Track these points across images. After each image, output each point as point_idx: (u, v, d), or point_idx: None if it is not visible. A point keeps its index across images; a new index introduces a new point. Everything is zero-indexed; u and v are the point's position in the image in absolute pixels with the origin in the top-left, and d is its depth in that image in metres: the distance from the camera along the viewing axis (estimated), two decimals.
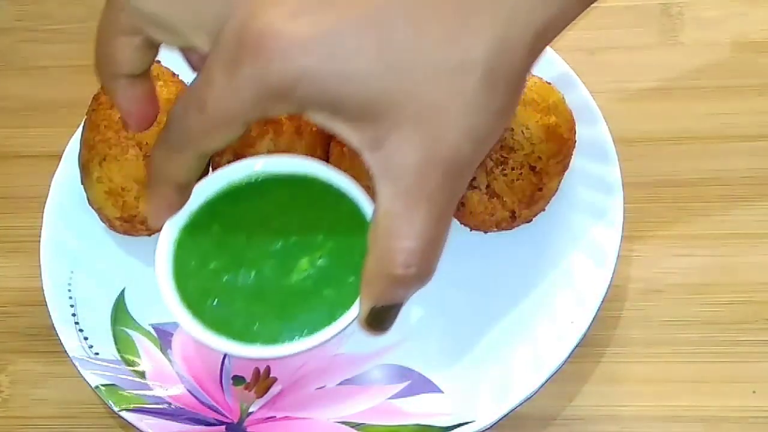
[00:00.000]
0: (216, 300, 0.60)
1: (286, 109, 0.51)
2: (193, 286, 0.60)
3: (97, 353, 0.66)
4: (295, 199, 0.63)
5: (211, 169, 0.71)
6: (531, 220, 0.68)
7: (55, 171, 0.73)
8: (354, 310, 0.58)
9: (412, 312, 0.66)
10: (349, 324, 0.58)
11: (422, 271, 0.52)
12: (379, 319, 0.55)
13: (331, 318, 0.59)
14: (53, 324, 0.66)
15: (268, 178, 0.63)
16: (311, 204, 0.63)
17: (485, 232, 0.68)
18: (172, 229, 0.61)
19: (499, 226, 0.67)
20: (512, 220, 0.67)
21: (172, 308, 0.59)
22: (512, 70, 0.50)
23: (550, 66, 0.73)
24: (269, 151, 0.67)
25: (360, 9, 0.49)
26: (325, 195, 0.63)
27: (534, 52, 0.51)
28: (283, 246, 0.61)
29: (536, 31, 0.50)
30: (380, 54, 0.49)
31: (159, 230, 0.61)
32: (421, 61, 0.49)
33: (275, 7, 0.49)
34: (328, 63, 0.49)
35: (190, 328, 0.58)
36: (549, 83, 0.68)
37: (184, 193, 0.57)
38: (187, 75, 0.74)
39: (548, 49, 0.73)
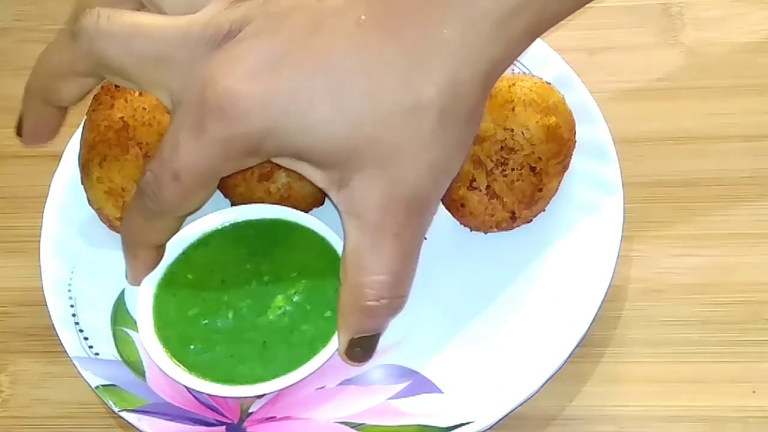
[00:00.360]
0: (197, 345, 0.63)
1: (255, 162, 0.54)
2: (175, 335, 0.64)
3: (97, 353, 0.66)
4: (266, 240, 0.66)
5: None
6: (531, 221, 0.68)
7: (55, 171, 0.73)
8: (334, 343, 0.61)
9: (413, 312, 0.66)
10: (331, 356, 0.60)
11: (393, 302, 0.55)
12: (359, 349, 0.57)
13: (312, 352, 0.62)
14: (53, 324, 0.66)
15: (239, 224, 0.66)
16: (282, 244, 0.65)
17: (485, 233, 0.68)
18: (149, 283, 0.64)
19: (499, 227, 0.67)
20: (512, 220, 0.67)
21: (156, 359, 0.62)
22: (466, 107, 0.52)
23: (550, 66, 0.73)
24: None
25: (312, 63, 0.51)
26: (296, 235, 0.66)
27: (486, 87, 0.53)
28: (258, 285, 0.64)
29: (485, 70, 0.52)
30: (336, 104, 0.51)
31: (138, 284, 0.63)
32: (376, 106, 0.51)
33: (232, 69, 0.52)
34: (287, 118, 0.51)
35: (176, 375, 0.61)
36: (549, 83, 0.68)
37: (161, 251, 0.61)
38: None
39: (548, 49, 0.74)
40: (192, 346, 0.63)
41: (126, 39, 0.55)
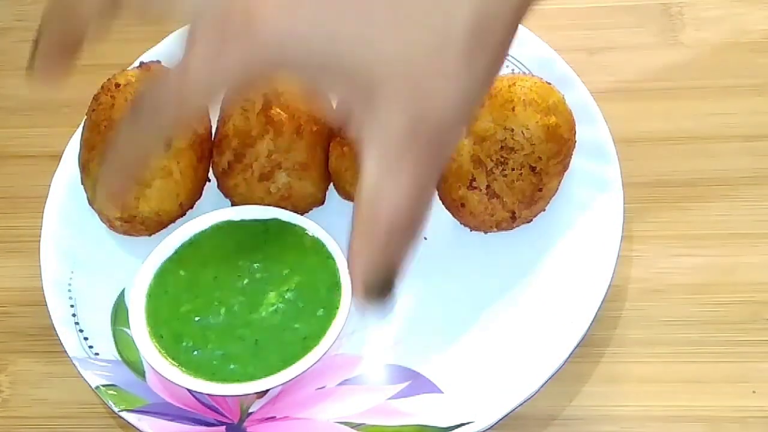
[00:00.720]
0: (190, 342, 0.63)
1: (272, 73, 0.51)
2: (167, 332, 0.63)
3: (97, 353, 0.66)
4: (258, 238, 0.66)
5: (211, 170, 0.71)
6: (531, 220, 0.68)
7: (55, 171, 0.73)
8: (326, 341, 0.61)
9: (413, 312, 0.66)
10: (323, 354, 0.60)
11: (408, 232, 0.52)
12: (377, 290, 0.53)
13: (305, 350, 0.62)
14: (53, 324, 0.66)
15: (231, 223, 0.67)
16: (274, 242, 0.66)
17: (485, 233, 0.68)
18: (142, 281, 0.64)
19: (499, 227, 0.67)
20: (512, 220, 0.67)
21: (149, 357, 0.62)
22: (494, 36, 0.50)
23: (550, 66, 0.73)
24: (269, 151, 0.67)
25: None
26: (288, 234, 0.66)
27: (517, 16, 0.51)
28: (250, 282, 0.64)
29: (515, 3, 0.50)
30: (363, 18, 0.49)
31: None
32: (403, 27, 0.50)
33: None
34: (314, 27, 0.49)
35: (168, 373, 0.61)
36: (549, 84, 0.68)
37: (138, 172, 0.55)
38: None
39: (548, 49, 0.74)
40: (184, 343, 0.63)
41: None
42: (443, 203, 0.68)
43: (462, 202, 0.67)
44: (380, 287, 0.53)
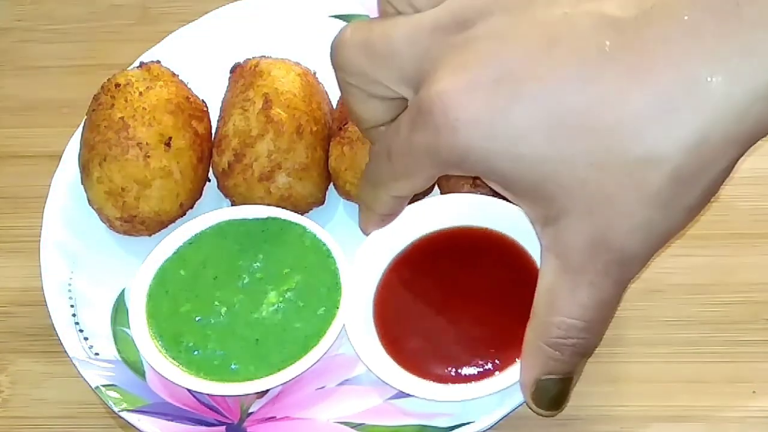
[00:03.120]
0: (191, 342, 0.63)
1: (459, 171, 0.52)
2: (168, 332, 0.63)
3: (97, 353, 0.66)
4: (259, 237, 0.66)
5: (211, 170, 0.71)
6: None
7: (55, 171, 0.73)
8: (327, 341, 0.61)
9: None
10: (323, 355, 0.60)
11: (581, 343, 0.52)
12: (546, 394, 0.54)
13: (305, 349, 0.62)
14: (53, 324, 0.66)
15: (232, 223, 0.67)
16: (275, 240, 0.66)
17: None
18: (142, 281, 0.64)
19: None
20: None
21: (149, 357, 0.62)
22: (708, 174, 0.46)
23: None
24: (269, 151, 0.67)
25: (536, 87, 0.46)
26: (288, 232, 0.66)
27: (735, 157, 0.46)
28: (250, 282, 0.64)
29: (742, 135, 0.45)
30: (551, 137, 0.46)
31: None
32: (597, 149, 0.46)
33: (455, 76, 0.48)
34: (495, 143, 0.47)
35: (168, 373, 0.61)
36: None
37: (386, 220, 0.61)
38: (187, 75, 0.74)
39: None
40: (185, 343, 0.63)
41: (362, 44, 0.54)
42: None
43: None
44: (550, 391, 0.54)
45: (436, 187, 0.68)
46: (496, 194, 0.61)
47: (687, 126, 0.44)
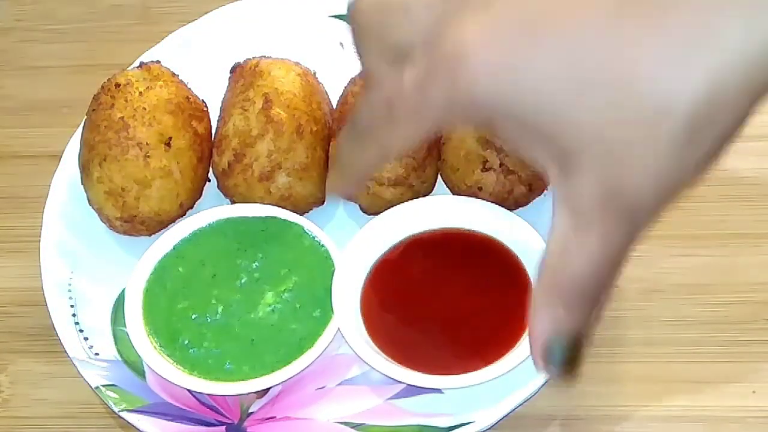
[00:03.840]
0: (187, 340, 0.63)
1: (472, 122, 0.52)
2: (164, 329, 0.64)
3: (97, 353, 0.66)
4: (258, 237, 0.66)
5: (211, 170, 0.71)
6: (545, 191, 0.68)
7: (55, 171, 0.73)
8: (321, 344, 0.61)
9: None
10: (318, 356, 0.60)
11: (589, 299, 0.51)
12: (560, 355, 0.52)
13: (300, 351, 0.62)
14: (53, 324, 0.66)
15: (231, 221, 0.67)
16: (273, 241, 0.66)
17: None
18: (139, 277, 0.64)
19: (518, 203, 0.67)
20: (529, 193, 0.67)
21: (143, 353, 0.62)
22: (723, 120, 0.46)
23: None
24: (269, 151, 0.67)
25: (555, 36, 0.47)
26: (287, 233, 0.66)
27: (752, 106, 0.46)
28: (248, 281, 0.64)
29: (762, 79, 0.45)
30: (571, 85, 0.46)
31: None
32: (614, 97, 0.46)
33: (476, 25, 0.48)
34: (516, 92, 0.47)
35: (164, 370, 0.61)
36: None
37: (357, 185, 0.58)
38: (187, 75, 0.74)
39: None
40: (180, 340, 0.63)
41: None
42: (458, 194, 0.68)
43: (479, 186, 0.67)
44: (561, 353, 0.52)
45: (434, 187, 0.69)
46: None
47: (702, 71, 0.44)
